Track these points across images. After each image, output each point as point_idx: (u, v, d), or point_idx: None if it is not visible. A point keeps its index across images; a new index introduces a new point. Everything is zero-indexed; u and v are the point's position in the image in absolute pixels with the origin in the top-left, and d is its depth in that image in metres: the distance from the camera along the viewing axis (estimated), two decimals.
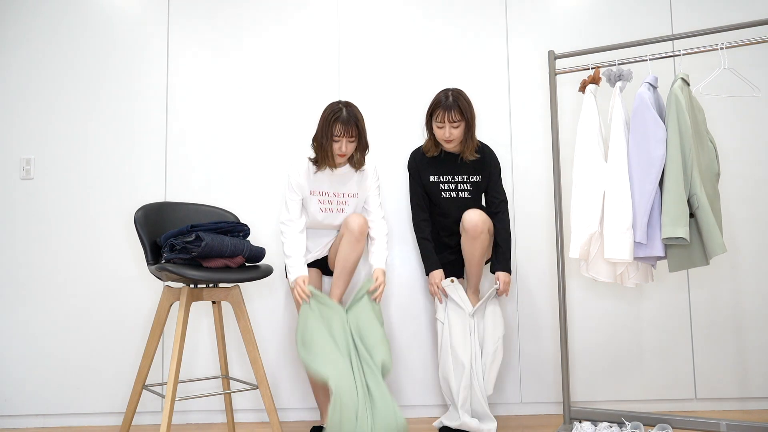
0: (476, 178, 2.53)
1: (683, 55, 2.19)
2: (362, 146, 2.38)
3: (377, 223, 2.48)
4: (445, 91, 2.43)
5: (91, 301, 2.76)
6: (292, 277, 2.32)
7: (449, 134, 2.42)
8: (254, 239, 2.78)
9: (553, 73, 2.42)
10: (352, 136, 2.32)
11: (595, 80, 2.28)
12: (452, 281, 2.45)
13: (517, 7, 2.93)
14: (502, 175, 2.64)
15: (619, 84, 2.23)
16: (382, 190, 2.75)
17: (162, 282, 2.75)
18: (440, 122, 2.43)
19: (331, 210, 2.44)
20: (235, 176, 2.85)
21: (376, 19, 2.93)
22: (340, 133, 2.30)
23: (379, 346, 2.22)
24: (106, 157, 2.84)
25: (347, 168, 2.45)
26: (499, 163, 2.57)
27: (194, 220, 2.38)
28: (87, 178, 2.83)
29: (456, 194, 2.52)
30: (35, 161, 2.82)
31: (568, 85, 2.88)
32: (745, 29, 2.64)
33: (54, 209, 2.80)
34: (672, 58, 2.82)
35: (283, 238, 2.39)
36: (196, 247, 2.07)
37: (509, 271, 2.47)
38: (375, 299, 2.34)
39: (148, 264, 2.18)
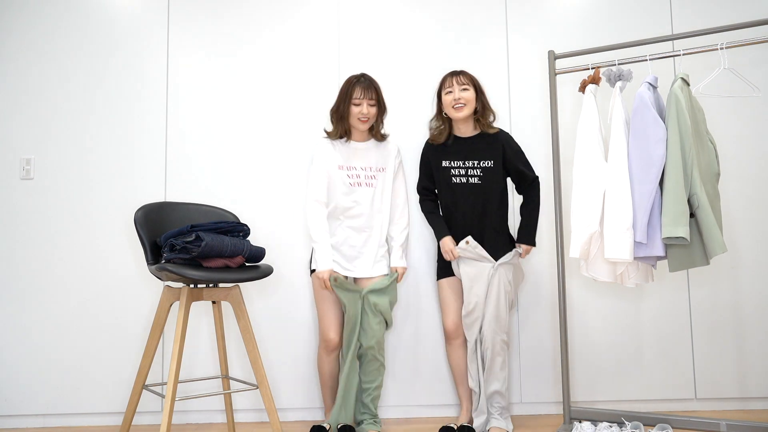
0: (488, 164, 2.46)
1: (683, 55, 2.19)
2: (382, 110, 2.46)
3: (399, 220, 2.53)
4: (451, 70, 2.51)
5: (91, 301, 2.76)
6: (320, 267, 2.35)
7: (459, 95, 2.40)
8: (254, 239, 2.78)
9: (553, 73, 2.42)
10: (372, 99, 2.40)
11: (595, 80, 2.28)
12: (467, 242, 2.41)
13: (517, 7, 2.93)
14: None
15: (619, 84, 2.23)
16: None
17: (162, 282, 2.75)
18: (449, 87, 2.43)
19: (359, 184, 2.43)
20: (235, 176, 2.85)
21: (375, 19, 2.93)
22: (360, 95, 2.38)
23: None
24: (106, 157, 2.84)
25: (371, 142, 2.50)
26: (516, 143, 2.51)
27: (194, 220, 2.38)
28: (87, 178, 2.83)
29: (466, 180, 2.46)
30: (35, 161, 2.82)
31: (568, 85, 2.88)
32: (745, 29, 2.64)
33: (54, 209, 2.80)
34: (672, 58, 2.82)
35: (311, 219, 2.41)
36: (196, 247, 2.07)
37: (533, 244, 2.49)
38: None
39: (148, 264, 2.18)
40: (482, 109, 2.48)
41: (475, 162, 2.47)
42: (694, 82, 2.82)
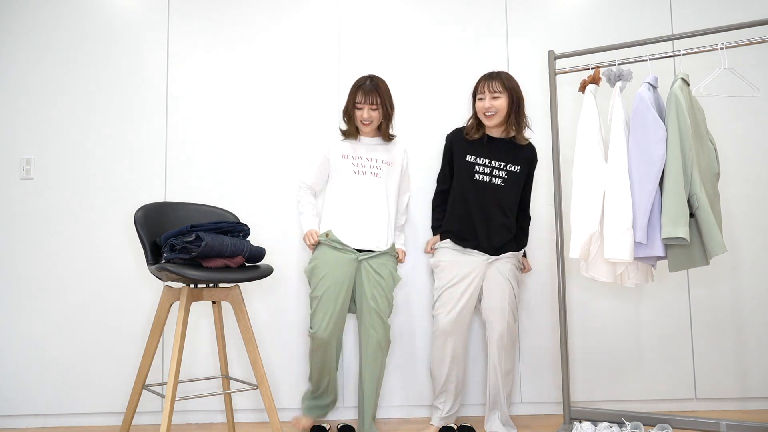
0: (515, 168, 2.42)
1: (683, 55, 2.19)
2: (386, 114, 2.48)
3: (401, 215, 2.62)
4: (488, 72, 2.45)
5: (91, 301, 2.76)
6: (304, 229, 2.52)
7: (489, 104, 2.36)
8: (254, 239, 2.78)
9: (553, 73, 2.42)
10: (374, 104, 2.43)
11: (595, 80, 2.28)
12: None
13: (517, 7, 2.93)
14: None
15: (619, 84, 2.23)
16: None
17: (162, 282, 2.75)
18: (481, 94, 2.40)
19: (365, 173, 2.46)
20: (236, 176, 2.85)
21: (376, 19, 2.93)
22: (361, 100, 2.43)
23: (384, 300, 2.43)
24: (106, 157, 2.84)
25: (378, 139, 2.54)
26: (537, 160, 2.52)
27: (194, 220, 2.38)
28: (87, 178, 2.83)
29: (489, 179, 2.41)
30: (35, 161, 2.82)
31: (568, 85, 2.88)
32: (745, 29, 2.65)
33: (54, 209, 2.80)
34: (672, 58, 2.82)
35: (297, 200, 2.68)
36: (196, 247, 2.07)
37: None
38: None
39: (148, 264, 2.18)
40: (516, 118, 2.41)
41: (503, 163, 2.42)
42: (694, 82, 2.82)
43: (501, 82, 2.37)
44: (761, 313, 2.75)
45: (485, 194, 2.41)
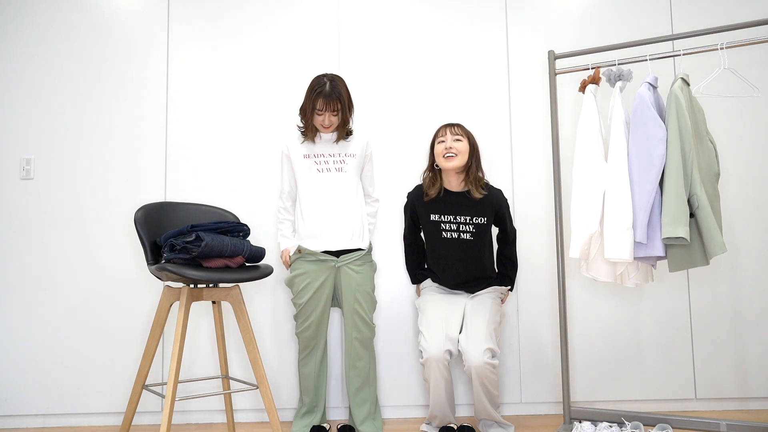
0: (481, 220, 2.41)
1: (683, 55, 2.19)
2: (345, 118, 2.43)
3: (372, 206, 2.62)
4: (447, 122, 2.53)
5: (91, 301, 2.76)
6: (281, 248, 2.54)
7: (450, 144, 2.37)
8: (254, 239, 2.78)
9: (553, 73, 2.42)
10: (335, 111, 2.38)
11: (595, 80, 2.28)
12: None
13: (517, 7, 2.93)
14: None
15: (619, 84, 2.23)
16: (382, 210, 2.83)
17: (162, 282, 2.75)
18: (442, 137, 2.41)
19: (329, 170, 2.43)
20: (236, 176, 2.85)
21: (375, 18, 2.93)
22: (322, 107, 2.38)
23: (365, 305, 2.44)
24: (106, 157, 2.84)
25: (337, 134, 2.48)
26: (506, 200, 2.48)
27: (194, 220, 2.38)
28: (87, 178, 2.82)
29: (457, 235, 2.41)
30: (35, 161, 2.82)
31: (568, 85, 2.88)
32: (745, 29, 2.65)
33: (54, 209, 2.80)
34: (672, 58, 2.82)
35: (277, 216, 2.59)
36: (196, 247, 2.07)
37: (510, 287, 2.57)
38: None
39: (148, 264, 2.18)
40: (474, 166, 2.42)
41: (468, 218, 2.41)
42: (694, 82, 2.82)
43: (461, 127, 2.43)
44: (761, 313, 2.74)
45: (456, 250, 2.43)
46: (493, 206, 2.43)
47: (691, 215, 2.03)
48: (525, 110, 2.88)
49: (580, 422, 2.30)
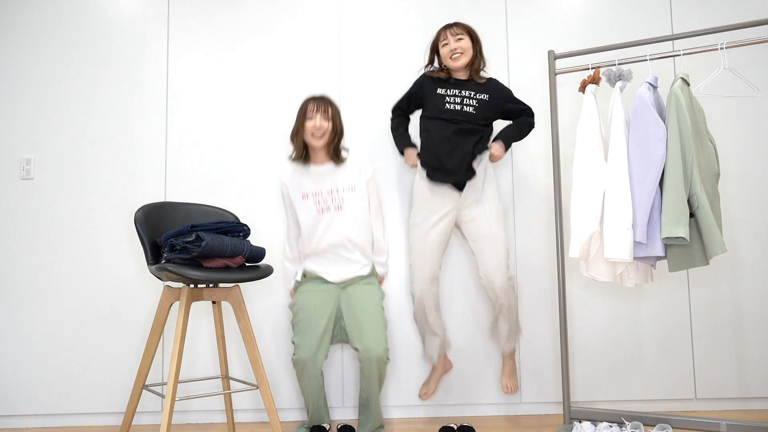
0: (484, 97, 2.49)
1: (683, 55, 2.19)
2: (336, 130, 2.41)
3: (378, 250, 2.54)
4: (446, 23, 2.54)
5: (91, 301, 2.76)
6: (288, 288, 2.57)
7: (455, 45, 2.44)
8: (254, 239, 2.78)
9: (553, 73, 2.42)
10: (326, 113, 2.38)
11: (595, 80, 2.28)
12: None
13: (517, 7, 2.93)
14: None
15: (619, 84, 2.23)
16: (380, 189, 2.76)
17: (162, 282, 2.75)
18: (444, 40, 2.48)
19: (328, 208, 2.41)
20: (236, 176, 2.85)
21: (376, 19, 2.93)
22: (313, 109, 2.38)
23: (369, 334, 2.27)
24: (106, 157, 2.84)
25: (331, 165, 2.45)
26: (508, 88, 2.57)
27: (194, 220, 2.38)
28: (87, 178, 2.83)
29: (461, 107, 2.46)
30: (35, 161, 2.82)
31: (568, 85, 2.88)
32: (745, 29, 2.65)
33: (54, 209, 2.80)
34: (672, 58, 2.82)
35: (285, 265, 2.58)
36: (197, 247, 2.07)
37: (505, 146, 2.53)
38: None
39: (148, 264, 2.18)
40: (478, 59, 2.50)
41: (473, 92, 2.49)
42: (694, 82, 2.82)
43: (460, 26, 2.48)
44: (761, 313, 2.75)
45: (458, 118, 2.46)
46: (496, 90, 2.52)
47: (691, 215, 2.03)
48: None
49: (580, 422, 2.30)
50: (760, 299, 2.75)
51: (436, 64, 2.58)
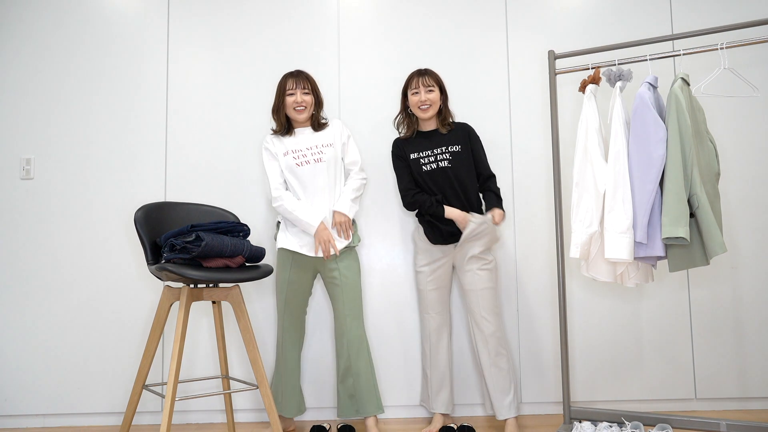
0: (456, 148, 2.51)
1: (683, 55, 2.19)
2: (317, 101, 2.53)
3: (353, 176, 2.55)
4: (417, 69, 2.56)
5: (91, 301, 2.76)
6: (315, 223, 2.39)
7: (424, 98, 2.48)
8: (254, 239, 2.78)
9: (553, 73, 2.42)
10: (305, 88, 2.47)
11: (595, 80, 2.28)
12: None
13: (517, 7, 2.93)
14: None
15: (619, 84, 2.23)
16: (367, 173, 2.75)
17: (162, 282, 2.75)
18: (415, 89, 2.51)
19: (308, 162, 2.46)
20: (235, 176, 2.85)
21: (376, 18, 2.93)
22: (292, 85, 2.46)
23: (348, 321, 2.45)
24: (106, 157, 2.84)
25: (310, 130, 2.54)
26: (479, 137, 2.57)
27: (194, 220, 2.38)
28: (87, 178, 2.83)
29: (436, 165, 2.49)
30: (35, 161, 2.82)
31: (568, 85, 2.88)
32: (745, 29, 2.65)
33: (54, 209, 2.80)
34: (672, 58, 2.82)
35: (284, 207, 2.43)
36: (196, 247, 2.07)
37: (502, 209, 2.51)
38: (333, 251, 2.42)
39: (148, 264, 2.18)
40: (445, 110, 2.56)
41: (443, 148, 2.51)
42: (694, 82, 2.82)
43: (432, 77, 2.51)
44: (761, 313, 2.75)
45: (439, 179, 2.48)
46: (463, 134, 2.53)
47: (691, 215, 2.03)
48: (525, 110, 2.88)
49: (580, 422, 2.30)
50: (760, 299, 2.75)
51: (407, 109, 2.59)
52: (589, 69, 2.30)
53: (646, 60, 2.22)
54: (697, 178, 2.01)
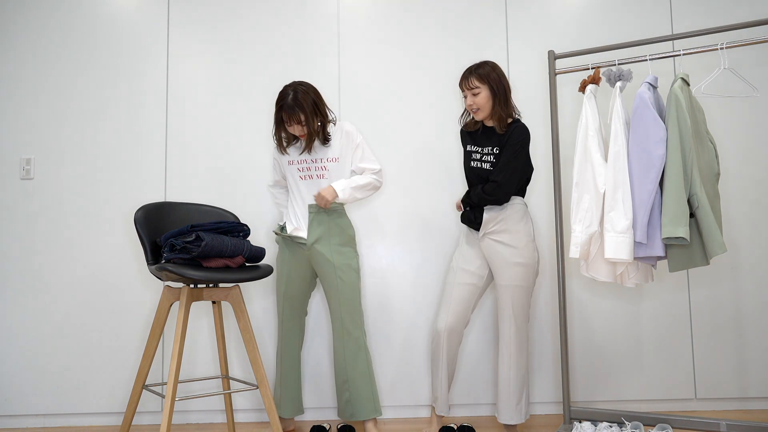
0: (497, 150, 2.38)
1: (683, 55, 2.19)
2: (316, 125, 2.38)
3: (367, 172, 2.48)
4: (468, 67, 2.40)
5: (91, 301, 2.76)
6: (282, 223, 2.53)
7: (471, 102, 2.35)
8: (254, 239, 2.78)
9: (553, 73, 2.42)
10: (299, 122, 2.36)
11: (595, 80, 2.28)
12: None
13: (517, 7, 2.93)
14: None
15: (619, 84, 2.23)
16: (371, 151, 2.57)
17: (162, 282, 2.75)
18: (463, 93, 2.39)
19: (311, 177, 2.46)
20: (235, 176, 2.85)
21: (376, 18, 2.93)
22: (287, 119, 2.38)
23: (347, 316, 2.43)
24: (106, 157, 2.84)
25: (317, 142, 2.47)
26: (518, 142, 2.33)
27: (194, 220, 2.38)
28: (87, 178, 2.83)
29: (480, 165, 2.42)
30: (35, 161, 2.82)
31: (568, 85, 2.88)
32: (745, 29, 2.65)
33: (54, 209, 2.80)
34: (672, 58, 2.82)
35: (275, 199, 2.64)
36: (196, 247, 2.07)
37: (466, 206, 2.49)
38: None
39: (148, 264, 2.18)
40: (501, 108, 2.35)
41: (489, 149, 2.41)
42: (694, 82, 2.82)
43: (477, 77, 2.32)
44: (761, 313, 2.75)
45: (477, 179, 2.43)
46: (507, 141, 2.36)
47: (691, 215, 2.03)
48: (525, 110, 2.88)
49: (580, 422, 2.30)
50: (760, 299, 2.75)
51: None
52: (589, 69, 2.30)
53: (646, 60, 2.22)
54: (697, 178, 2.01)
